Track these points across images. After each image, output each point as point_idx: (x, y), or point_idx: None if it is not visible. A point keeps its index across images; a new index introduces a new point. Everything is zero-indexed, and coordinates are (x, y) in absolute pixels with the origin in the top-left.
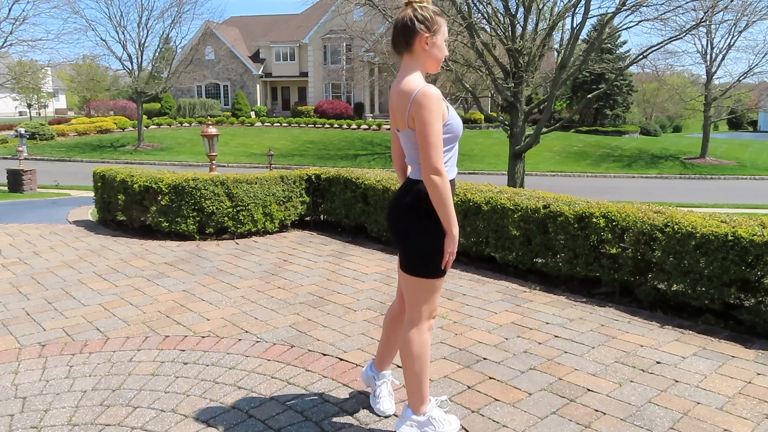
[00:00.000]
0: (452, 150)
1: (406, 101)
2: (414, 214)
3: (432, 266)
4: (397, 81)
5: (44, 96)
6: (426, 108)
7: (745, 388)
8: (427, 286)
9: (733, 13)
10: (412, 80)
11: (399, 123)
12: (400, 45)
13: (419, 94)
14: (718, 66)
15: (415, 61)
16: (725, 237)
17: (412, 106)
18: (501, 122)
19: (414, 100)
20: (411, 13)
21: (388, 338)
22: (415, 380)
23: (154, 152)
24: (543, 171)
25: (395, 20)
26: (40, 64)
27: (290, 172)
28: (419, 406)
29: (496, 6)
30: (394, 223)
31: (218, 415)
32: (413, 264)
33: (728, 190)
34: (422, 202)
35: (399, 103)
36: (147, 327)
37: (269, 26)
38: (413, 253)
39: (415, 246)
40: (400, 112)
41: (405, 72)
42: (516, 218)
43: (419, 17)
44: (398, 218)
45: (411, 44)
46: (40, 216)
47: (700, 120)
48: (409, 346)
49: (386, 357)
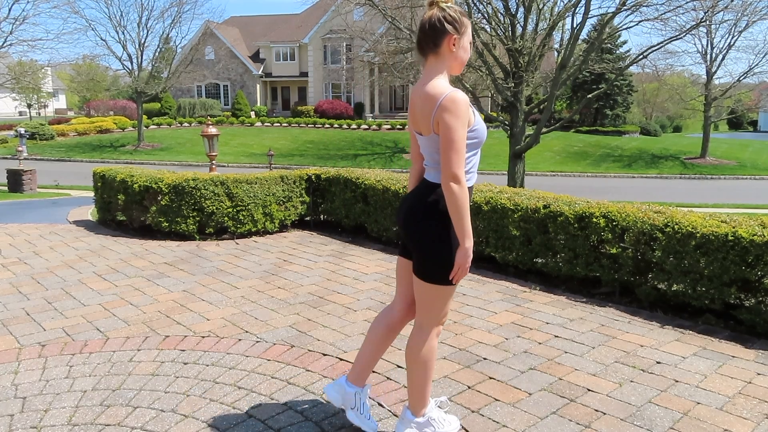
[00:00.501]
0: (476, 155)
1: (432, 105)
2: (435, 219)
3: (449, 273)
4: (422, 83)
5: (44, 96)
6: (453, 113)
7: (745, 388)
8: (441, 293)
9: (733, 13)
10: (439, 84)
11: (423, 127)
12: (427, 46)
13: (447, 99)
14: (718, 66)
15: (441, 62)
16: (725, 237)
17: (438, 111)
18: (501, 122)
19: (441, 105)
20: (439, 14)
21: (378, 350)
22: (419, 384)
23: (154, 152)
24: (543, 171)
25: (422, 20)
26: (40, 64)
27: (290, 172)
28: (420, 408)
29: (496, 6)
30: (412, 227)
31: (218, 415)
32: (430, 270)
33: (728, 190)
34: (443, 206)
35: (424, 106)
36: (147, 327)
37: (269, 26)
38: (431, 258)
39: (433, 252)
40: (425, 116)
41: (430, 74)
42: (516, 218)
43: (448, 18)
44: (416, 222)
45: (439, 45)
46: (40, 216)
47: (700, 120)
48: (417, 350)
49: (369, 369)
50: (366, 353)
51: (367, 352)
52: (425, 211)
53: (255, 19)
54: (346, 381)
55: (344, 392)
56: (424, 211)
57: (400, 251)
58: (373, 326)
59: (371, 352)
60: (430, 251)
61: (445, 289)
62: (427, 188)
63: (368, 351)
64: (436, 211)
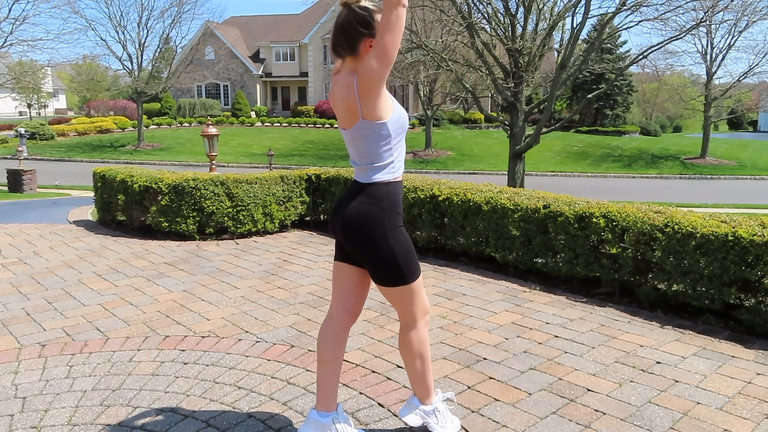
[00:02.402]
0: (401, 144)
1: (352, 82)
2: (377, 222)
3: (408, 270)
4: (338, 79)
5: (44, 96)
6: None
7: (745, 388)
8: (409, 291)
9: (733, 13)
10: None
11: (349, 116)
12: (343, 50)
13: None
14: (718, 66)
15: (359, 64)
16: (725, 237)
17: (359, 80)
18: (501, 122)
19: (359, 73)
20: (352, 16)
21: (336, 367)
22: (421, 375)
23: (154, 152)
24: (543, 171)
25: (335, 22)
26: (40, 64)
27: (290, 172)
28: (426, 397)
29: (496, 6)
30: (354, 236)
31: (218, 415)
32: (389, 275)
33: (728, 190)
34: (381, 205)
35: (345, 91)
36: (147, 327)
37: (269, 26)
38: (386, 264)
39: (386, 256)
40: (348, 101)
41: (344, 71)
42: (516, 218)
43: (360, 20)
44: (357, 229)
45: (356, 49)
46: (40, 216)
47: (700, 120)
48: (409, 346)
49: (335, 389)
50: (326, 375)
51: (328, 373)
52: (366, 216)
53: (255, 19)
54: (318, 413)
55: (321, 425)
56: (365, 215)
57: (337, 255)
58: (320, 346)
59: (332, 371)
60: (384, 256)
61: (412, 286)
62: (356, 190)
63: (328, 372)
64: (377, 213)
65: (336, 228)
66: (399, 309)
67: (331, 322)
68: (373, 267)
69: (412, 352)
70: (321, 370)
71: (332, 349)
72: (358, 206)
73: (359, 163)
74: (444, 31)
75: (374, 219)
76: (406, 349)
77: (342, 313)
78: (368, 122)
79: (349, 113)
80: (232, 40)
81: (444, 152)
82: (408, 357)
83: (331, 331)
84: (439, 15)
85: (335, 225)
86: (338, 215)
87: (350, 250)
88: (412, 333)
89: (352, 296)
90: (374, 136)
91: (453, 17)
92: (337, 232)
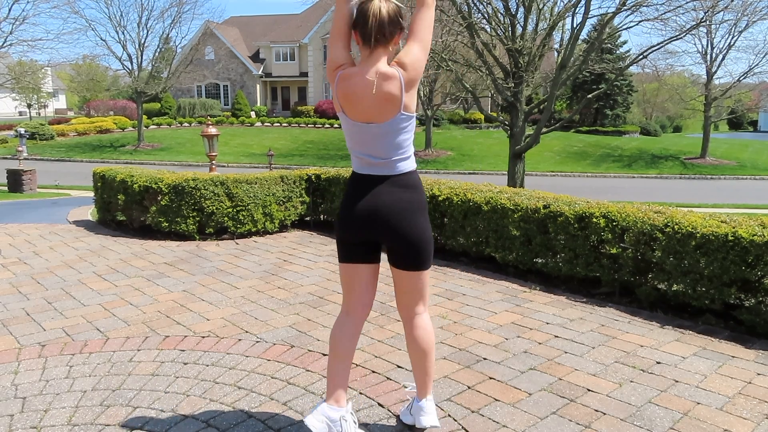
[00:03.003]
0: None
1: (395, 74)
2: (422, 207)
3: (432, 252)
4: (363, 71)
5: (44, 96)
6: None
7: (745, 389)
8: (428, 275)
9: (733, 13)
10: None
11: (391, 108)
12: (384, 39)
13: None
14: (718, 66)
15: (386, 55)
16: (725, 237)
17: (407, 72)
18: (501, 122)
19: (407, 66)
20: (396, 9)
21: (349, 363)
22: (431, 367)
23: (154, 152)
24: (543, 171)
25: (377, 12)
26: (40, 64)
27: (290, 172)
28: (428, 391)
29: (496, 6)
30: (406, 224)
31: (218, 415)
32: (427, 257)
33: (728, 190)
34: (419, 191)
35: (387, 83)
36: (147, 327)
37: (269, 26)
38: (428, 245)
39: (429, 238)
40: (391, 93)
41: (376, 62)
42: (516, 218)
43: (401, 13)
44: (409, 217)
45: (390, 40)
46: (40, 216)
47: (700, 120)
48: (430, 336)
49: (346, 385)
50: (341, 370)
51: (342, 368)
52: (414, 203)
53: (255, 19)
54: (329, 406)
55: (329, 419)
56: (413, 203)
57: (361, 258)
58: (337, 342)
59: (346, 366)
60: (426, 240)
61: (430, 269)
62: (394, 184)
63: (342, 367)
64: (419, 199)
65: (375, 224)
66: (419, 294)
67: (349, 319)
68: (417, 251)
69: (432, 341)
70: (336, 366)
71: (349, 344)
72: (404, 195)
73: (386, 156)
74: (444, 31)
75: (420, 204)
76: (429, 339)
77: (361, 310)
78: (407, 114)
79: (390, 105)
80: (232, 40)
81: (444, 152)
82: (431, 347)
83: (351, 328)
84: (439, 15)
85: (374, 221)
86: (381, 210)
87: (396, 241)
88: (429, 323)
89: (370, 292)
90: (408, 128)
91: (453, 17)
92: (379, 226)
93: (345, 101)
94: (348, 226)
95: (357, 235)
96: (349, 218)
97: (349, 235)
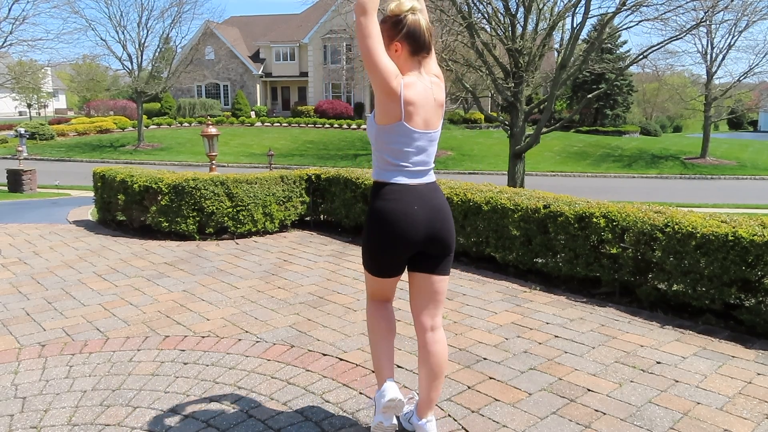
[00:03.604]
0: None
1: (441, 84)
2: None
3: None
4: (424, 78)
5: (44, 96)
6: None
7: (745, 388)
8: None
9: (733, 13)
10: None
11: (441, 115)
12: (430, 47)
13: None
14: (719, 66)
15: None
16: (725, 237)
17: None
18: (501, 122)
19: (442, 78)
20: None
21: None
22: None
23: (154, 152)
24: (543, 171)
25: (424, 24)
26: (39, 64)
27: (290, 172)
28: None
29: (496, 6)
30: (451, 227)
31: (218, 415)
32: (451, 261)
33: (728, 190)
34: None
35: (440, 91)
36: (147, 327)
37: (269, 26)
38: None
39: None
40: (442, 101)
41: (428, 71)
42: (516, 218)
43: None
44: (452, 220)
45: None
46: (40, 216)
47: (700, 120)
48: (447, 353)
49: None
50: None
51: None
52: (451, 211)
53: (255, 19)
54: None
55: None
56: (450, 210)
57: (401, 269)
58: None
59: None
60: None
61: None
62: (438, 190)
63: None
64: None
65: (435, 229)
66: (443, 301)
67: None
68: (451, 255)
69: (447, 356)
70: (387, 344)
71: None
72: (444, 200)
73: (431, 163)
74: (444, 31)
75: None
76: (446, 351)
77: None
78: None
79: (441, 111)
80: (232, 40)
81: (444, 152)
82: (445, 362)
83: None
84: (439, 15)
85: (434, 226)
86: (440, 214)
87: (445, 244)
88: (444, 334)
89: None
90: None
91: (453, 17)
92: (441, 234)
93: (411, 108)
94: (407, 237)
95: (415, 245)
96: (411, 228)
97: (404, 246)
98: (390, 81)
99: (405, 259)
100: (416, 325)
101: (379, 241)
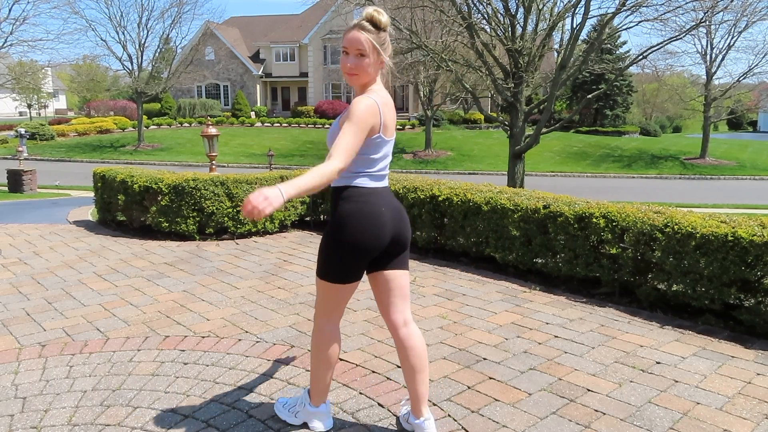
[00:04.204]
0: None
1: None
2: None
3: None
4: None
5: (44, 96)
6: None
7: (745, 388)
8: None
9: (733, 14)
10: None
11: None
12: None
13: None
14: (718, 66)
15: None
16: (725, 237)
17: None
18: (501, 122)
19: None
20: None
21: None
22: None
23: (154, 152)
24: (543, 171)
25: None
26: (40, 65)
27: (290, 172)
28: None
29: (496, 6)
30: (410, 229)
31: (218, 415)
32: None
33: (728, 190)
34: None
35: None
36: (147, 327)
37: (269, 26)
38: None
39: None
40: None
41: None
42: (516, 218)
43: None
44: (408, 222)
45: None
46: (40, 216)
47: (700, 120)
48: (424, 343)
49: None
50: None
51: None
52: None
53: (255, 19)
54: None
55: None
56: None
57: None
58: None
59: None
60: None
61: None
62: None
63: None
64: None
65: (401, 227)
66: (407, 295)
67: (337, 326)
68: (408, 250)
69: (425, 346)
70: (329, 371)
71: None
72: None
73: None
74: (444, 31)
75: None
76: (423, 342)
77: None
78: None
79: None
80: (232, 40)
81: (444, 152)
82: (425, 352)
83: (338, 334)
84: (439, 15)
85: (400, 224)
86: (403, 212)
87: (407, 240)
88: (415, 324)
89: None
90: None
91: (453, 18)
92: (403, 233)
93: (388, 121)
94: (380, 237)
95: (383, 245)
96: (383, 229)
97: (376, 247)
98: (373, 132)
99: (369, 259)
100: (389, 325)
101: (355, 243)
